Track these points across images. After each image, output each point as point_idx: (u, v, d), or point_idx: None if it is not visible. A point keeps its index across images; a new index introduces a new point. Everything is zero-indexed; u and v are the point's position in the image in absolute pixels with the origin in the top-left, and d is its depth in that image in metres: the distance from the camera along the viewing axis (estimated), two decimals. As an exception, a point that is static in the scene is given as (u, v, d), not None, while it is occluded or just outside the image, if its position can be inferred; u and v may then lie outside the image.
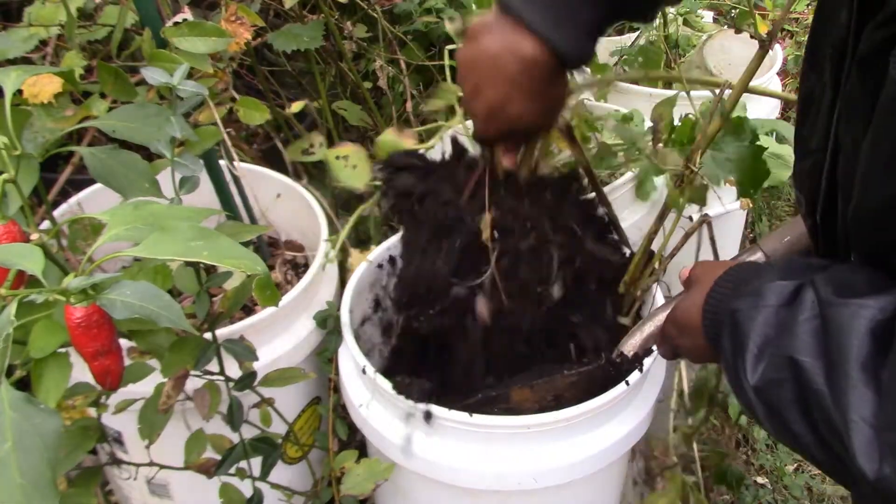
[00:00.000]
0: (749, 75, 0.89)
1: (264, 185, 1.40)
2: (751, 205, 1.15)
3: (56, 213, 1.29)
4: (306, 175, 1.53)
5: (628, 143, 1.19)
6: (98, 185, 1.31)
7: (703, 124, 0.97)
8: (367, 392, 1.04)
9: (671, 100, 1.15)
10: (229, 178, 1.26)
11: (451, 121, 1.19)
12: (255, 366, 1.00)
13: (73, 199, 1.34)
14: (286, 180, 1.39)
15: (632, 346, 0.95)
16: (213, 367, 0.95)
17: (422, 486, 1.07)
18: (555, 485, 0.98)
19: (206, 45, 1.02)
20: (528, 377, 0.99)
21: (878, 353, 0.54)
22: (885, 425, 0.53)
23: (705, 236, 1.07)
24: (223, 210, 1.21)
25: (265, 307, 1.07)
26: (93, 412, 0.91)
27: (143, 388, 0.87)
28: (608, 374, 0.96)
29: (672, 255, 1.06)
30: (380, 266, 1.21)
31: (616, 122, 1.31)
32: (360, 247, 1.21)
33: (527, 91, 0.80)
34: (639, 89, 1.68)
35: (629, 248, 1.10)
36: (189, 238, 0.62)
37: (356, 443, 1.19)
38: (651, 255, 1.05)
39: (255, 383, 1.00)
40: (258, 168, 1.42)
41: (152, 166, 0.87)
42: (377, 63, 1.68)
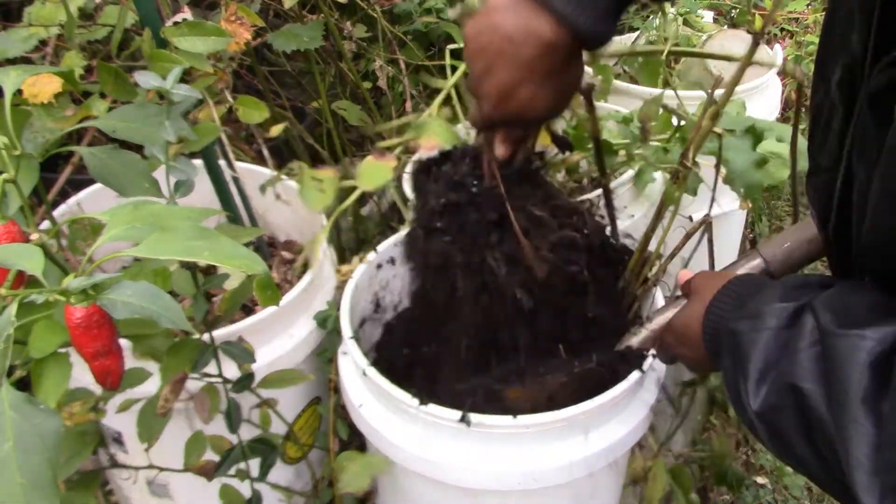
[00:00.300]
0: (741, 71, 0.89)
1: (264, 185, 1.40)
2: (749, 205, 1.15)
3: (56, 213, 1.29)
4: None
5: (630, 141, 1.19)
6: (98, 185, 1.31)
7: (697, 121, 0.97)
8: (367, 392, 1.04)
9: (658, 99, 1.15)
10: (229, 178, 1.26)
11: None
12: (255, 366, 1.00)
13: (73, 199, 1.33)
14: (286, 180, 1.39)
15: (632, 345, 0.95)
16: (212, 369, 0.95)
17: (421, 486, 1.07)
18: (555, 484, 0.98)
19: (206, 45, 1.02)
20: (521, 375, 0.99)
21: (879, 387, 0.54)
22: (884, 466, 0.53)
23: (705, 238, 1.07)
24: (223, 210, 1.21)
25: (265, 307, 1.07)
26: (92, 417, 0.91)
27: (144, 388, 0.87)
28: (601, 375, 0.97)
29: (672, 255, 1.06)
30: (379, 266, 1.21)
31: (616, 123, 1.31)
32: (361, 247, 1.21)
33: (542, 74, 0.75)
34: (639, 89, 1.68)
35: (627, 250, 1.10)
36: (189, 238, 0.62)
37: (356, 443, 1.19)
38: (649, 254, 1.05)
39: (255, 384, 1.00)
40: (258, 168, 1.42)
41: (149, 164, 0.87)
42: (377, 63, 1.68)
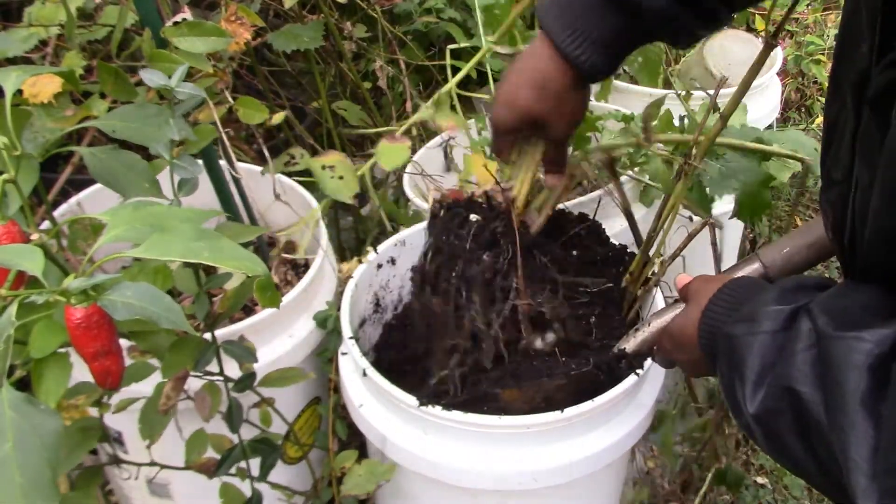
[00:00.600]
0: (753, 74, 0.90)
1: (264, 185, 1.40)
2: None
3: (56, 213, 1.29)
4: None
5: (630, 142, 1.18)
6: (98, 185, 1.31)
7: (701, 121, 0.97)
8: (367, 392, 1.04)
9: (660, 101, 1.15)
10: (229, 178, 1.26)
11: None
12: (255, 366, 1.00)
13: (73, 199, 1.33)
14: (286, 180, 1.39)
15: (628, 348, 0.95)
16: (213, 367, 0.95)
17: (421, 486, 1.07)
18: (555, 485, 0.98)
19: (206, 45, 1.02)
20: (517, 378, 0.99)
21: (877, 388, 0.54)
22: (884, 469, 0.52)
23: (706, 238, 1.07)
24: (223, 210, 1.21)
25: (265, 308, 1.07)
26: (94, 412, 0.92)
27: (144, 387, 0.87)
28: (596, 377, 0.97)
29: (674, 256, 1.05)
30: (379, 266, 1.21)
31: (617, 122, 1.31)
32: (361, 247, 1.21)
33: (539, 86, 0.88)
34: (639, 89, 1.68)
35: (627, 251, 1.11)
36: (190, 239, 0.62)
37: (356, 443, 1.19)
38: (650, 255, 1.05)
39: (255, 384, 1.00)
40: (258, 168, 1.42)
41: (151, 166, 0.87)
42: (377, 63, 1.68)
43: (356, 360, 1.02)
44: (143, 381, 0.87)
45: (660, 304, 1.06)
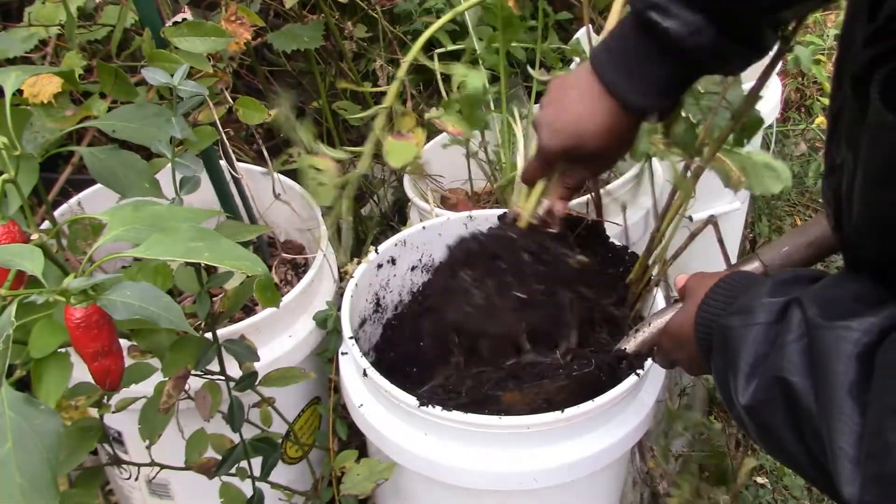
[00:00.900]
0: (766, 75, 0.89)
1: (264, 185, 1.40)
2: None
3: (56, 213, 1.29)
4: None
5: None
6: (98, 185, 1.31)
7: (709, 120, 0.97)
8: (368, 392, 1.04)
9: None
10: (229, 178, 1.26)
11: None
12: (255, 366, 1.00)
13: (73, 199, 1.33)
14: (286, 180, 1.39)
15: (629, 348, 0.95)
16: (214, 366, 0.95)
17: (422, 487, 1.07)
18: (555, 485, 0.98)
19: (206, 45, 1.02)
20: (518, 380, 0.99)
21: (865, 377, 0.54)
22: (866, 454, 0.52)
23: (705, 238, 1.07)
24: (223, 210, 1.21)
25: (265, 307, 1.07)
26: (94, 412, 0.91)
27: (143, 387, 0.87)
28: (598, 378, 0.97)
29: (676, 255, 1.05)
30: (379, 266, 1.21)
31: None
32: (361, 247, 1.22)
33: (598, 121, 0.87)
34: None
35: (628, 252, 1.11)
36: (189, 239, 0.62)
37: (356, 443, 1.19)
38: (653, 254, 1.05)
39: (256, 383, 1.00)
40: (257, 168, 1.42)
41: (151, 165, 0.87)
42: (377, 63, 1.68)
43: (356, 360, 1.02)
44: (144, 381, 0.87)
45: (661, 304, 1.06)
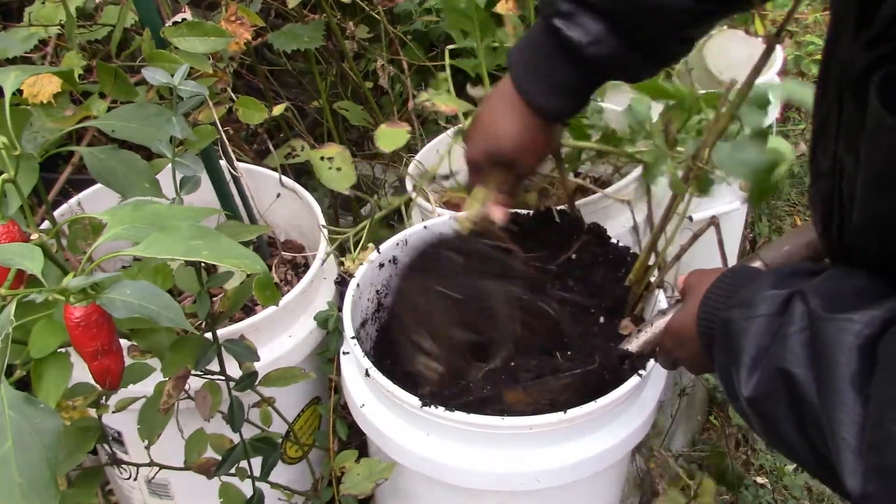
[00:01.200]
0: (756, 72, 0.90)
1: (264, 184, 1.40)
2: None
3: (56, 213, 1.29)
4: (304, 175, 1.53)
5: (636, 127, 1.17)
6: (98, 185, 1.31)
7: (711, 121, 0.97)
8: (370, 392, 1.04)
9: (678, 102, 1.14)
10: (229, 177, 1.26)
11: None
12: (255, 366, 1.00)
13: (73, 199, 1.33)
14: (286, 180, 1.39)
15: (631, 349, 0.95)
16: (214, 366, 0.95)
17: (423, 487, 1.07)
18: (557, 485, 0.98)
19: (206, 45, 1.02)
20: (521, 379, 0.99)
21: (867, 369, 0.54)
22: (868, 445, 0.52)
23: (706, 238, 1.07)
24: (223, 210, 1.21)
25: (265, 307, 1.07)
26: (93, 412, 0.91)
27: (143, 387, 0.87)
28: (602, 377, 0.97)
29: (678, 256, 1.05)
30: (381, 266, 1.21)
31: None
32: (359, 247, 1.21)
33: (511, 124, 0.94)
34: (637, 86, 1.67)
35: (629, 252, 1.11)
36: (189, 238, 0.62)
37: (356, 443, 1.19)
38: (655, 255, 1.05)
39: (256, 383, 1.00)
40: (257, 168, 1.42)
41: (152, 165, 0.87)
42: (378, 63, 1.68)
43: (358, 360, 1.02)
44: (143, 381, 0.87)
45: (662, 304, 1.06)
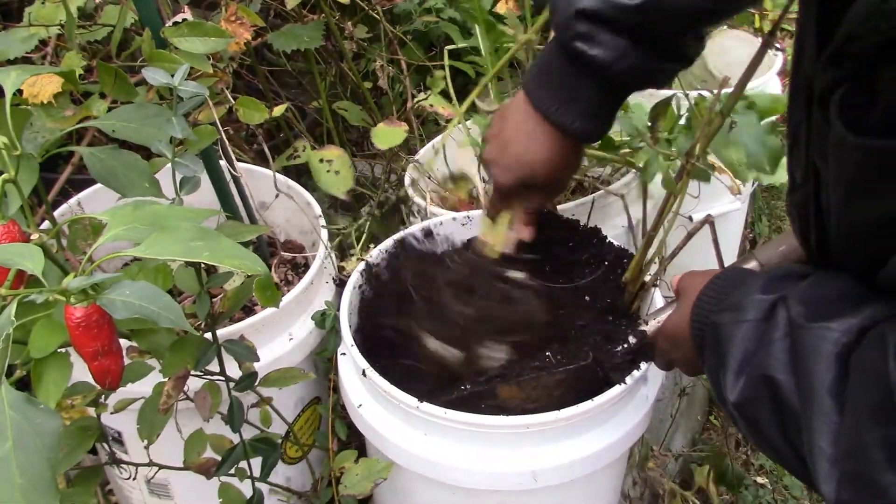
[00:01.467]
0: (751, 71, 0.90)
1: (264, 185, 1.40)
2: (741, 186, 1.14)
3: (56, 213, 1.29)
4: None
5: (631, 132, 1.18)
6: (98, 185, 1.31)
7: (704, 119, 0.97)
8: (367, 392, 1.04)
9: (668, 99, 1.15)
10: (229, 178, 1.26)
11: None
12: (255, 366, 1.00)
13: (73, 199, 1.34)
14: (286, 180, 1.39)
15: (648, 331, 0.95)
16: (214, 367, 0.95)
17: (421, 486, 1.07)
18: (555, 484, 0.98)
19: (206, 46, 1.02)
20: (515, 374, 0.99)
21: (844, 377, 0.55)
22: (843, 452, 0.53)
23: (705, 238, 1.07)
24: (223, 210, 1.21)
25: (265, 307, 1.07)
26: (92, 412, 0.91)
27: (142, 387, 0.87)
28: (595, 373, 0.97)
29: (673, 255, 1.05)
30: (380, 266, 1.21)
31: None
32: (358, 246, 1.22)
33: (543, 150, 0.89)
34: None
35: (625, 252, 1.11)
36: (189, 238, 0.62)
37: (356, 443, 1.19)
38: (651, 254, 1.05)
39: (256, 383, 1.00)
40: (257, 168, 1.42)
41: (151, 165, 0.87)
42: (377, 63, 1.68)
43: (355, 360, 1.02)
44: (143, 381, 0.87)
45: (658, 304, 1.06)
